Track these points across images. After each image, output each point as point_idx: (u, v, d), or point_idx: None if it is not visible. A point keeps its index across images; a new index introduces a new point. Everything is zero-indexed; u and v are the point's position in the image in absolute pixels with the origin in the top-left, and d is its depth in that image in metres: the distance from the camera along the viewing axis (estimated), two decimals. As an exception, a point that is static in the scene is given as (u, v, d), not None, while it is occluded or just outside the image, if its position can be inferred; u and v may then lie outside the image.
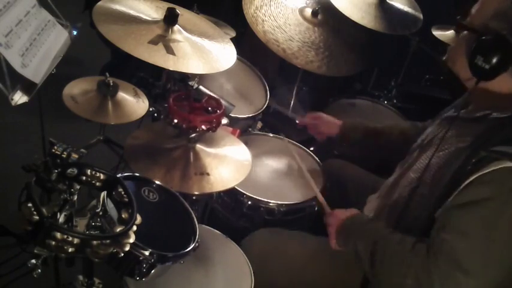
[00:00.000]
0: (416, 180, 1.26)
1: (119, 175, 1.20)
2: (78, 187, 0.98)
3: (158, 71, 1.70)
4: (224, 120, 1.45)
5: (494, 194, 1.03)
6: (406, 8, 2.24)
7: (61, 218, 0.92)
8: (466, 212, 1.06)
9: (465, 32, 1.20)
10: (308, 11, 2.09)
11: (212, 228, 1.50)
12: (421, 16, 2.23)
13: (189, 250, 1.24)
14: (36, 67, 1.32)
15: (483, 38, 1.10)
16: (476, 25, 1.16)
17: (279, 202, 1.59)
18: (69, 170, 0.96)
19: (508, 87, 1.15)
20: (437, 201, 1.14)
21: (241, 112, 1.84)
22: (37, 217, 0.86)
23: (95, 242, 0.89)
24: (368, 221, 1.33)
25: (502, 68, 1.09)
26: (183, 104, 1.44)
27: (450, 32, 2.30)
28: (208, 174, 1.41)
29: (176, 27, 1.51)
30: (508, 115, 1.14)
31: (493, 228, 1.03)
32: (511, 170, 1.02)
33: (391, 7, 2.19)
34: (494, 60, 1.08)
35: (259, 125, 2.01)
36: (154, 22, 1.51)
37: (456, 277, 1.03)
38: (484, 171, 1.04)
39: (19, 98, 1.24)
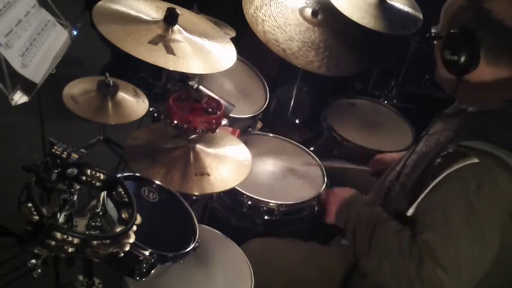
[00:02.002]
0: (397, 173, 1.29)
1: (119, 175, 1.20)
2: (78, 187, 0.98)
3: (158, 71, 1.70)
4: (224, 121, 1.45)
5: (462, 193, 1.04)
6: (406, 8, 2.24)
7: (61, 218, 0.92)
8: (438, 211, 1.07)
9: (438, 41, 1.22)
10: (308, 11, 2.09)
11: (212, 228, 1.50)
12: (421, 16, 2.23)
13: (189, 250, 1.24)
14: (36, 67, 1.32)
15: (449, 32, 1.13)
16: (444, 30, 1.19)
17: (279, 202, 1.58)
18: (69, 170, 0.96)
19: (488, 76, 1.15)
20: (408, 197, 1.15)
21: (241, 112, 1.84)
22: (37, 217, 0.86)
23: (95, 242, 0.89)
24: (367, 202, 1.34)
25: (471, 56, 1.10)
26: (183, 104, 1.44)
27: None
28: (208, 174, 1.41)
29: (176, 27, 1.51)
30: (481, 109, 1.16)
31: (465, 225, 1.04)
32: (477, 166, 1.03)
33: (391, 7, 2.19)
34: (461, 50, 1.10)
35: (259, 125, 2.02)
36: (154, 22, 1.51)
37: (438, 275, 1.04)
38: (452, 169, 1.05)
39: (19, 98, 1.24)
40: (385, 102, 2.48)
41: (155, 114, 1.77)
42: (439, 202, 1.08)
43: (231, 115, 1.66)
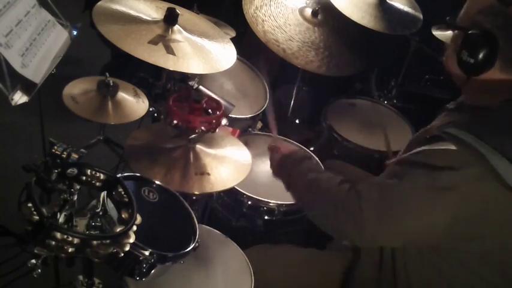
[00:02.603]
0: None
1: (119, 175, 1.20)
2: (78, 187, 0.98)
3: (158, 71, 1.70)
4: (224, 121, 1.45)
5: (430, 166, 1.06)
6: (406, 8, 2.24)
7: (61, 218, 0.92)
8: (402, 170, 1.11)
9: (456, 31, 1.21)
10: (308, 11, 2.09)
11: (212, 228, 1.50)
12: (421, 16, 2.23)
13: (189, 250, 1.24)
14: (36, 67, 1.32)
15: (469, 33, 1.11)
16: (464, 23, 1.17)
17: (279, 202, 1.58)
18: (69, 170, 0.96)
19: (498, 79, 1.13)
20: None
21: (241, 112, 1.84)
22: (37, 217, 0.86)
23: (95, 242, 0.89)
24: (302, 158, 1.39)
25: (487, 61, 1.09)
26: (183, 104, 1.44)
27: (450, 32, 2.29)
28: (208, 174, 1.41)
29: (176, 27, 1.51)
30: (478, 105, 1.16)
31: (417, 192, 1.07)
32: (453, 152, 1.03)
33: (391, 7, 2.19)
34: (479, 54, 1.08)
35: (259, 125, 2.01)
36: (154, 22, 1.51)
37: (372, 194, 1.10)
38: (430, 147, 1.08)
39: (19, 98, 1.24)
40: (385, 102, 2.48)
41: (155, 114, 1.77)
42: (404, 162, 1.13)
43: (231, 115, 1.66)
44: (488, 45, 1.08)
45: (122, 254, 0.93)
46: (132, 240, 0.94)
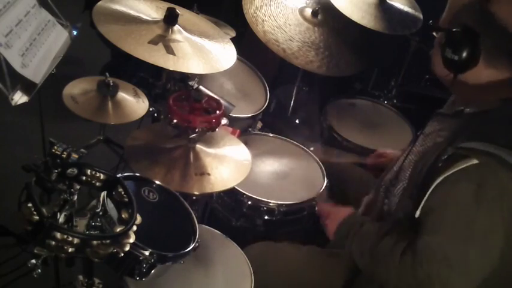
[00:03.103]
0: (395, 175, 1.29)
1: (119, 175, 1.20)
2: (78, 187, 0.98)
3: (158, 71, 1.70)
4: (224, 121, 1.45)
5: (462, 193, 1.05)
6: (406, 8, 2.24)
7: (61, 218, 0.92)
8: (442, 214, 1.08)
9: (439, 33, 1.22)
10: (308, 11, 2.09)
11: (212, 228, 1.50)
12: (421, 16, 2.23)
13: (189, 250, 1.24)
14: (36, 67, 1.32)
15: (452, 30, 1.12)
16: (446, 24, 1.18)
17: (279, 202, 1.58)
18: (69, 170, 0.96)
19: (485, 77, 1.15)
20: (415, 200, 1.15)
21: (241, 112, 1.84)
22: (37, 217, 0.86)
23: (95, 242, 0.89)
24: (361, 223, 1.33)
25: (471, 57, 1.10)
26: (183, 104, 1.44)
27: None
28: (208, 174, 1.41)
29: (176, 27, 1.51)
30: (478, 110, 1.16)
31: (470, 225, 1.04)
32: (477, 166, 1.03)
33: (391, 7, 2.19)
34: (463, 51, 1.10)
35: (259, 125, 2.01)
36: (154, 22, 1.51)
37: (441, 274, 1.05)
38: (452, 171, 1.05)
39: (19, 98, 1.24)
40: (385, 102, 2.48)
41: (155, 114, 1.77)
42: (439, 205, 1.08)
43: (231, 115, 1.66)
44: (470, 41, 1.09)
45: (122, 254, 0.93)
46: (132, 240, 0.94)
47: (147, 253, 1.13)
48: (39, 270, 0.89)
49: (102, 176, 1.00)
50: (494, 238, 1.05)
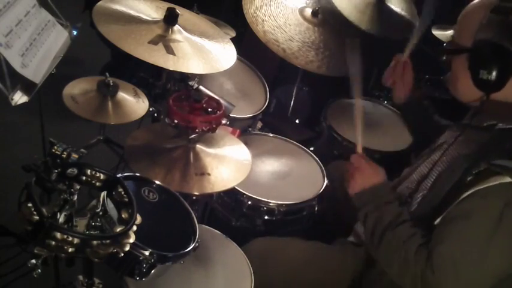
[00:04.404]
0: (416, 184, 1.28)
1: (119, 175, 1.20)
2: (78, 187, 0.98)
3: (158, 71, 1.70)
4: (224, 121, 1.45)
5: (488, 209, 1.04)
6: (403, 13, 2.24)
7: (61, 218, 0.92)
8: (463, 224, 1.07)
9: (449, 56, 1.20)
10: (308, 11, 2.09)
11: (212, 228, 1.50)
12: (416, 22, 2.23)
13: (189, 250, 1.24)
14: (36, 67, 1.32)
15: (478, 51, 1.10)
16: (464, 44, 1.16)
17: (279, 202, 1.58)
18: (69, 170, 0.96)
19: None
20: (437, 209, 1.15)
21: (241, 112, 1.84)
22: (37, 217, 0.86)
23: (95, 242, 0.89)
24: (389, 199, 1.27)
25: (506, 73, 1.08)
26: (183, 104, 1.44)
27: (450, 32, 2.29)
28: (208, 174, 1.41)
29: (176, 27, 1.51)
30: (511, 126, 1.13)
31: (488, 240, 1.04)
32: (508, 185, 1.02)
33: (390, 10, 2.19)
34: (497, 69, 1.07)
35: (259, 125, 2.02)
36: (154, 22, 1.51)
37: (448, 283, 1.06)
38: (483, 186, 1.05)
39: (19, 98, 1.24)
40: (385, 102, 2.48)
41: (155, 114, 1.77)
42: (462, 215, 1.08)
43: (231, 115, 1.66)
44: (502, 57, 1.07)
45: (122, 254, 0.93)
46: (132, 240, 0.94)
47: (147, 253, 1.13)
48: (39, 270, 0.89)
49: (102, 176, 1.00)
50: (506, 257, 1.05)
